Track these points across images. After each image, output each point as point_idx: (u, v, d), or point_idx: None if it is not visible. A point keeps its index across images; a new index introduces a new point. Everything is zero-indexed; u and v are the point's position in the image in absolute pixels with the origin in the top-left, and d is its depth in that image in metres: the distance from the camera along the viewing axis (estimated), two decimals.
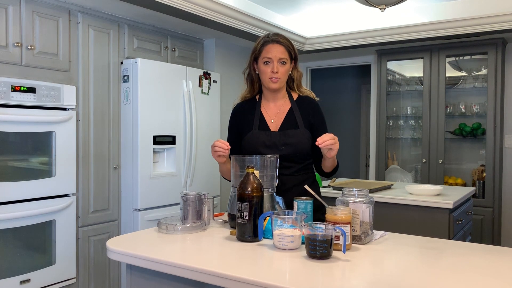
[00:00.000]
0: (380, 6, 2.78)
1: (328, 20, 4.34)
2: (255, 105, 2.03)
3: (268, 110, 2.01)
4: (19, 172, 2.64)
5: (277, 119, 1.98)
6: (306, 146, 1.93)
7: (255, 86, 2.04)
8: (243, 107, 2.05)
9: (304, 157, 1.96)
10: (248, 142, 1.95)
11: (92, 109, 3.05)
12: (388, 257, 1.46)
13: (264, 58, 1.92)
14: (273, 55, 1.90)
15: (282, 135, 1.93)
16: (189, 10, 3.14)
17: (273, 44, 1.93)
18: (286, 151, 1.90)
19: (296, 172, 1.94)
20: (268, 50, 1.92)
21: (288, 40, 1.97)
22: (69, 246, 2.89)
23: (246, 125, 2.00)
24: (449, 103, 4.27)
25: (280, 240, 1.44)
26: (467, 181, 4.21)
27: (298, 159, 1.94)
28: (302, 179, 1.95)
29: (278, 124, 1.97)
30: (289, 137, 1.92)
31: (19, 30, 2.65)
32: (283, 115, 1.99)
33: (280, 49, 1.92)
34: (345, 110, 6.50)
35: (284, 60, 1.92)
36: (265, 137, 1.94)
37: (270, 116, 1.99)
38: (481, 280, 1.21)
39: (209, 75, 3.76)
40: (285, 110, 2.00)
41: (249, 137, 1.96)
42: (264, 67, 1.92)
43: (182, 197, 1.74)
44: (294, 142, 1.91)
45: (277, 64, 1.91)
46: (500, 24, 3.56)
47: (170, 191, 3.38)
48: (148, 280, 1.47)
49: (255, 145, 1.93)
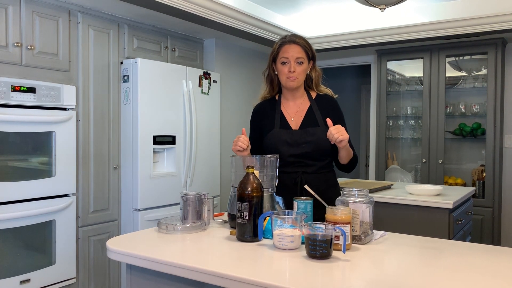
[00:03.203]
0: (380, 6, 2.78)
1: (328, 20, 4.34)
2: (275, 104, 2.08)
3: (288, 109, 2.06)
4: (19, 172, 2.64)
5: (297, 117, 2.03)
6: (326, 143, 1.93)
7: (274, 86, 2.09)
8: (264, 107, 2.11)
9: (325, 154, 2.00)
10: (270, 141, 2.00)
11: (92, 109, 3.05)
12: (388, 257, 1.46)
13: (281, 58, 1.97)
14: (290, 55, 1.95)
15: (303, 133, 1.98)
16: (189, 10, 3.14)
17: (290, 44, 1.97)
18: (308, 149, 1.95)
19: (318, 170, 1.98)
20: (285, 51, 1.97)
21: (305, 40, 2.01)
22: (69, 246, 2.89)
23: (267, 124, 2.05)
24: (449, 103, 4.27)
25: (280, 240, 1.44)
26: (467, 181, 4.21)
27: (319, 156, 1.98)
28: (325, 178, 2.00)
29: (299, 123, 2.02)
30: (310, 135, 1.97)
31: (19, 30, 2.65)
32: (303, 113, 2.03)
33: (297, 49, 1.97)
34: (345, 110, 6.46)
35: (301, 59, 1.97)
36: (287, 136, 1.98)
37: (290, 114, 2.04)
38: (481, 280, 1.21)
39: (209, 75, 3.76)
40: (305, 108, 2.05)
41: (271, 135, 2.01)
42: (282, 67, 1.98)
43: (182, 197, 1.74)
44: (314, 140, 1.96)
45: (294, 63, 1.96)
46: (500, 24, 3.56)
47: (170, 191, 3.38)
48: (148, 280, 1.47)
49: (277, 143, 1.98)
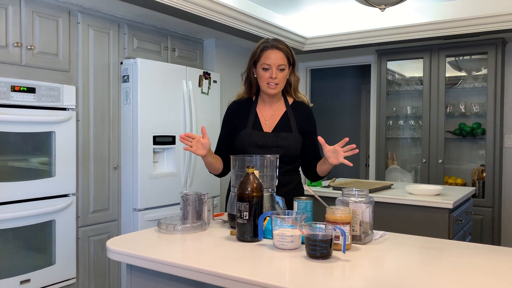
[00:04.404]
0: (380, 6, 2.78)
1: (328, 20, 4.34)
2: (251, 104, 2.08)
3: (264, 111, 2.06)
4: (19, 172, 2.64)
5: (271, 121, 2.04)
6: (296, 150, 2.01)
7: (253, 89, 2.08)
8: (239, 105, 2.10)
9: (294, 159, 2.04)
10: (241, 140, 2.01)
11: (92, 109, 3.05)
12: (388, 257, 1.46)
13: (263, 64, 1.95)
14: (272, 61, 1.93)
15: (275, 136, 2.00)
16: (189, 10, 3.14)
17: (273, 50, 1.95)
18: (277, 153, 1.91)
19: (285, 173, 1.98)
20: (267, 56, 1.94)
21: (287, 46, 2.00)
22: (69, 246, 2.89)
23: (240, 123, 2.05)
24: (449, 103, 4.27)
25: (280, 240, 1.44)
26: (467, 181, 4.21)
27: (288, 161, 2.00)
28: (290, 179, 2.03)
29: (272, 126, 2.03)
30: (282, 139, 1.99)
31: (19, 30, 2.65)
32: (277, 118, 2.04)
33: (279, 55, 1.95)
34: (345, 110, 6.50)
35: (283, 66, 1.96)
36: (258, 137, 1.99)
37: (265, 117, 2.06)
38: (481, 280, 1.21)
39: (209, 75, 3.76)
40: (280, 113, 2.05)
41: (242, 134, 2.01)
42: (263, 73, 1.96)
43: (182, 197, 1.74)
44: (286, 145, 1.98)
45: (276, 70, 1.94)
46: (500, 24, 3.56)
47: (170, 191, 3.38)
48: (148, 280, 1.47)
49: (247, 144, 1.98)
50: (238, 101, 2.12)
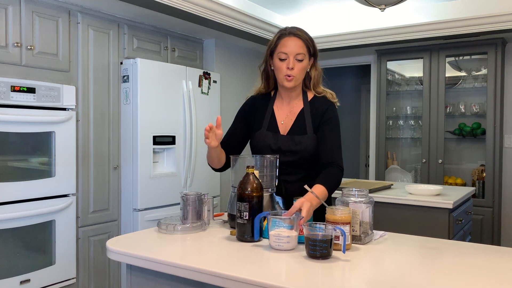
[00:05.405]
0: (380, 6, 2.78)
1: (328, 20, 4.33)
2: (268, 101, 1.93)
3: (281, 109, 1.91)
4: (19, 172, 2.64)
5: (287, 120, 1.88)
6: (312, 153, 1.82)
7: (270, 83, 1.92)
8: (256, 102, 1.95)
9: (313, 163, 1.84)
10: (256, 142, 1.89)
11: (92, 109, 3.05)
12: (388, 257, 1.46)
13: (279, 54, 1.78)
14: (289, 50, 1.76)
15: (289, 140, 1.83)
16: (189, 10, 3.14)
17: (290, 37, 1.78)
18: (291, 158, 1.82)
19: (302, 179, 1.82)
20: (284, 44, 1.78)
21: (307, 34, 1.82)
22: (69, 246, 2.89)
23: (255, 121, 1.92)
24: (449, 103, 4.27)
25: (276, 240, 1.44)
26: (467, 181, 4.21)
27: (306, 166, 1.84)
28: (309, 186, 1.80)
29: (288, 127, 1.87)
30: (296, 143, 1.82)
31: (18, 30, 2.65)
32: (293, 117, 1.88)
33: (298, 43, 1.77)
34: (344, 110, 6.49)
35: (301, 56, 1.78)
36: (272, 140, 1.85)
37: (281, 116, 1.90)
38: (481, 280, 1.21)
39: (209, 75, 3.76)
40: (296, 111, 1.88)
41: (257, 136, 1.89)
42: (280, 63, 1.79)
43: (182, 197, 1.74)
44: (299, 149, 1.81)
45: (293, 59, 1.76)
46: (500, 24, 3.56)
47: (170, 191, 3.38)
48: (148, 280, 1.47)
49: (261, 146, 1.86)
50: (256, 96, 1.96)
